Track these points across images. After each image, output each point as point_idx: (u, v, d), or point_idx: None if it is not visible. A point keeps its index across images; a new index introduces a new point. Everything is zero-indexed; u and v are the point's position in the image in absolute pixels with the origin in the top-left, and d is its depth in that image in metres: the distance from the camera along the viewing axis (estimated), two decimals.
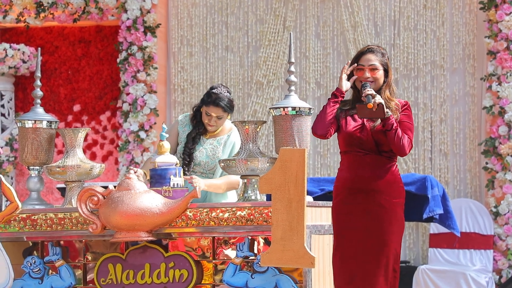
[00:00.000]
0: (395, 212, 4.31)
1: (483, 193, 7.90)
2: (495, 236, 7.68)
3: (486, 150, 7.77)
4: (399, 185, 4.34)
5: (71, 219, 4.41)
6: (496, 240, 7.69)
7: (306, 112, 4.31)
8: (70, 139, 4.62)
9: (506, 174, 7.67)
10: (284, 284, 4.14)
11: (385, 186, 4.29)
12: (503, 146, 7.69)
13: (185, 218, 4.26)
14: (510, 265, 7.63)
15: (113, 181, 8.28)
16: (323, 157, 8.29)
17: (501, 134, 7.70)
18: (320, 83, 8.32)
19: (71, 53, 8.86)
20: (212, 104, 4.92)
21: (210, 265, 4.29)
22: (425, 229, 8.01)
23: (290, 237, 3.98)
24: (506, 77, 7.70)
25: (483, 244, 7.65)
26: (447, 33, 8.11)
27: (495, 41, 7.75)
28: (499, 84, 7.73)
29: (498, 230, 7.68)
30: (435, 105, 8.03)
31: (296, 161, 4.02)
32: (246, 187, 4.40)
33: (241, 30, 8.48)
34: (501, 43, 7.71)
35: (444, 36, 8.08)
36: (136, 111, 8.33)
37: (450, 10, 8.13)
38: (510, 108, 7.68)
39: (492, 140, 7.74)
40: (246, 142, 4.41)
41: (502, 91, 7.69)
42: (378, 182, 4.27)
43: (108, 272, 4.37)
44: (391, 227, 4.31)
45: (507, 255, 7.63)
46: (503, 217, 7.67)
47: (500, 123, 7.71)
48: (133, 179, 4.31)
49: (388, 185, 4.29)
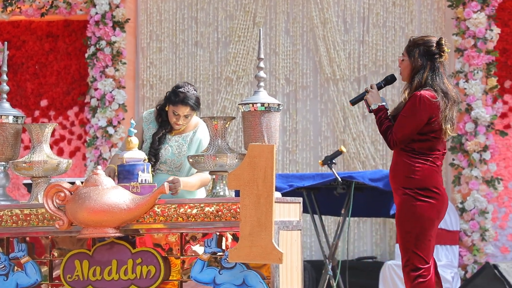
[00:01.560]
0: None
1: (449, 189, 7.96)
2: (461, 232, 7.75)
3: (453, 147, 7.83)
4: (409, 175, 4.48)
5: (37, 215, 4.38)
6: (462, 235, 7.76)
7: (275, 108, 4.32)
8: (37, 134, 4.58)
9: (472, 170, 7.74)
10: (252, 280, 4.14)
11: (398, 179, 4.50)
12: (469, 143, 7.75)
13: (153, 214, 4.24)
14: (476, 261, 7.70)
15: (81, 177, 8.23)
16: (292, 153, 8.31)
17: (468, 131, 7.76)
18: (290, 79, 8.33)
19: (38, 48, 8.79)
20: (180, 104, 4.90)
21: (178, 261, 4.28)
22: (392, 225, 8.06)
23: (258, 233, 3.98)
24: (473, 74, 7.76)
25: (449, 240, 7.72)
26: (416, 30, 8.16)
27: (463, 39, 7.82)
28: (466, 81, 7.79)
29: (464, 226, 7.74)
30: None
31: (264, 157, 4.02)
32: (215, 183, 4.39)
33: (210, 26, 8.47)
34: (469, 40, 7.77)
35: (413, 33, 8.13)
36: (105, 107, 8.28)
37: (418, 7, 8.18)
38: (477, 105, 7.75)
39: (458, 137, 7.81)
40: (215, 138, 4.40)
41: (469, 88, 7.76)
42: (393, 175, 4.53)
43: (74, 269, 4.35)
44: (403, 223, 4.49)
45: (473, 250, 7.70)
46: (469, 213, 7.74)
47: (467, 120, 7.77)
48: (101, 175, 4.28)
49: (399, 178, 4.50)
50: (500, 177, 7.80)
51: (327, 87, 8.25)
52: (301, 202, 4.53)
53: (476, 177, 7.73)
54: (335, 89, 8.20)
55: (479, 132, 7.73)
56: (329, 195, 6.47)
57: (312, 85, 8.29)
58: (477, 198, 7.71)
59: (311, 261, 7.94)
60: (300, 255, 4.45)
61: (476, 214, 7.72)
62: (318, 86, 8.29)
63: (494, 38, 7.79)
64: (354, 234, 8.11)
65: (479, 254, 7.68)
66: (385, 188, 6.12)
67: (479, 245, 7.70)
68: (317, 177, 6.38)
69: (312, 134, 8.27)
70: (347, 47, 8.22)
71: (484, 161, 7.74)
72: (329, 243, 6.59)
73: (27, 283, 4.41)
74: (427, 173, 4.47)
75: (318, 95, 8.28)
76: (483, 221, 7.71)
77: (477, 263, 7.67)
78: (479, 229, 7.70)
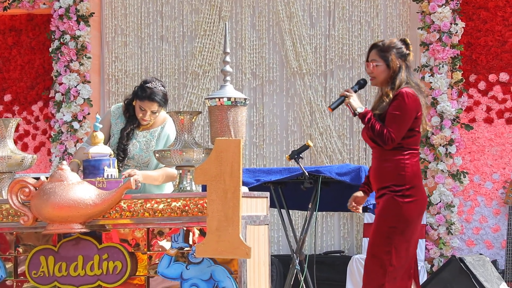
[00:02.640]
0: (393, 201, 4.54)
1: None
2: (427, 226, 7.80)
3: None
4: (400, 173, 4.55)
5: (1, 211, 4.33)
6: (428, 229, 7.80)
7: (242, 102, 4.31)
8: (0, 129, 4.52)
9: (438, 164, 7.79)
10: (219, 275, 4.13)
11: (387, 177, 4.56)
12: (435, 137, 7.80)
13: (119, 209, 4.21)
14: (442, 254, 7.76)
15: (46, 173, 8.15)
16: (259, 147, 8.30)
17: (434, 125, 7.81)
18: (256, 74, 8.32)
19: (1, 42, 8.68)
20: (147, 99, 4.87)
21: (144, 256, 4.25)
22: (359, 219, 8.09)
23: (225, 227, 3.97)
24: (438, 68, 7.81)
25: None
26: (381, 24, 8.19)
27: (428, 33, 7.86)
28: (432, 75, 7.83)
29: (430, 220, 7.79)
30: (370, 96, 8.10)
31: (231, 152, 4.01)
32: (181, 178, 4.37)
33: (176, 20, 8.42)
34: (434, 34, 7.82)
35: (378, 27, 8.16)
36: (69, 101, 8.20)
37: (384, 1, 8.21)
38: (443, 99, 7.79)
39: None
40: (181, 133, 4.38)
41: (435, 82, 7.80)
42: (381, 174, 4.59)
43: (40, 265, 4.31)
44: (388, 218, 4.53)
45: (439, 244, 7.76)
46: (435, 207, 7.79)
47: (433, 114, 7.82)
48: (66, 170, 4.24)
49: (389, 175, 4.55)
50: (465, 170, 7.86)
51: (293, 81, 8.25)
52: (268, 197, 4.53)
53: (442, 170, 7.78)
54: (301, 83, 8.20)
55: (444, 126, 7.79)
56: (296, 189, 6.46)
57: (278, 79, 8.29)
58: (443, 191, 7.76)
59: (278, 256, 7.95)
60: (267, 250, 4.44)
61: (442, 208, 7.77)
62: (284, 80, 8.29)
63: (459, 32, 7.84)
64: (322, 229, 8.13)
65: (445, 248, 7.74)
66: (352, 182, 6.12)
67: (445, 239, 7.75)
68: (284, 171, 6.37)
69: (279, 128, 8.27)
70: (313, 41, 8.23)
71: (450, 154, 7.79)
72: (296, 238, 6.59)
73: None
74: (415, 169, 4.61)
75: (284, 90, 8.28)
76: (449, 214, 7.76)
77: (444, 256, 7.73)
78: (445, 223, 7.76)
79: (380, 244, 4.52)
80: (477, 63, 8.03)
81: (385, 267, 4.50)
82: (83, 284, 4.25)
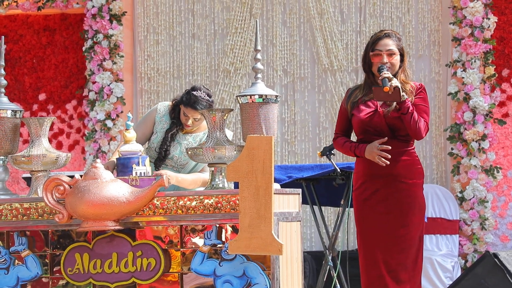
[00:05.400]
0: (414, 194, 4.38)
1: (448, 178, 7.97)
2: (461, 221, 7.76)
3: (452, 136, 7.83)
4: (416, 166, 4.45)
5: (37, 209, 4.38)
6: (461, 225, 7.77)
7: (273, 99, 4.32)
8: (35, 128, 4.57)
9: (471, 159, 7.75)
10: (252, 271, 4.15)
11: (403, 169, 4.41)
12: (468, 132, 7.76)
13: (152, 206, 4.25)
14: (476, 250, 7.72)
15: (80, 171, 8.23)
16: (291, 144, 8.31)
17: (466, 120, 7.76)
18: (287, 71, 8.33)
19: (35, 42, 8.78)
20: (190, 107, 4.93)
21: (178, 253, 4.28)
22: None
23: (257, 224, 3.98)
24: (470, 63, 7.76)
25: (449, 229, 7.73)
26: (413, 19, 8.15)
27: (460, 28, 7.81)
28: (464, 70, 7.79)
29: (464, 215, 7.76)
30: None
31: (263, 149, 4.02)
32: (214, 175, 4.39)
33: (207, 18, 8.46)
34: (466, 29, 7.77)
35: (410, 23, 8.13)
36: (103, 100, 8.27)
37: None
38: (475, 94, 7.75)
39: (457, 126, 7.81)
40: (213, 130, 4.40)
41: (467, 77, 7.76)
42: (395, 166, 4.39)
43: (75, 262, 4.35)
44: (412, 210, 4.40)
45: (473, 239, 7.72)
46: (468, 202, 7.75)
47: (465, 109, 7.78)
48: (100, 168, 4.28)
49: (406, 168, 4.42)
50: (499, 166, 7.81)
51: (324, 78, 8.25)
52: (300, 193, 4.54)
53: (475, 166, 7.74)
54: (332, 79, 8.20)
55: (477, 121, 7.74)
56: (328, 186, 6.47)
57: (309, 76, 8.29)
58: (476, 187, 7.72)
59: (311, 252, 7.95)
60: (300, 246, 4.45)
61: (476, 203, 7.73)
62: (315, 77, 8.29)
63: (491, 26, 7.79)
64: (354, 225, 8.11)
65: (479, 243, 7.70)
66: None
67: (479, 234, 7.71)
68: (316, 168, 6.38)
69: (310, 125, 8.27)
70: (344, 38, 8.22)
71: (483, 150, 7.74)
72: (329, 234, 6.59)
73: (28, 277, 4.42)
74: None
75: (316, 86, 8.28)
76: (482, 210, 7.72)
77: (477, 252, 7.69)
78: (478, 218, 7.72)
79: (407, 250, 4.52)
80: (509, 57, 7.97)
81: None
82: (118, 281, 4.29)
